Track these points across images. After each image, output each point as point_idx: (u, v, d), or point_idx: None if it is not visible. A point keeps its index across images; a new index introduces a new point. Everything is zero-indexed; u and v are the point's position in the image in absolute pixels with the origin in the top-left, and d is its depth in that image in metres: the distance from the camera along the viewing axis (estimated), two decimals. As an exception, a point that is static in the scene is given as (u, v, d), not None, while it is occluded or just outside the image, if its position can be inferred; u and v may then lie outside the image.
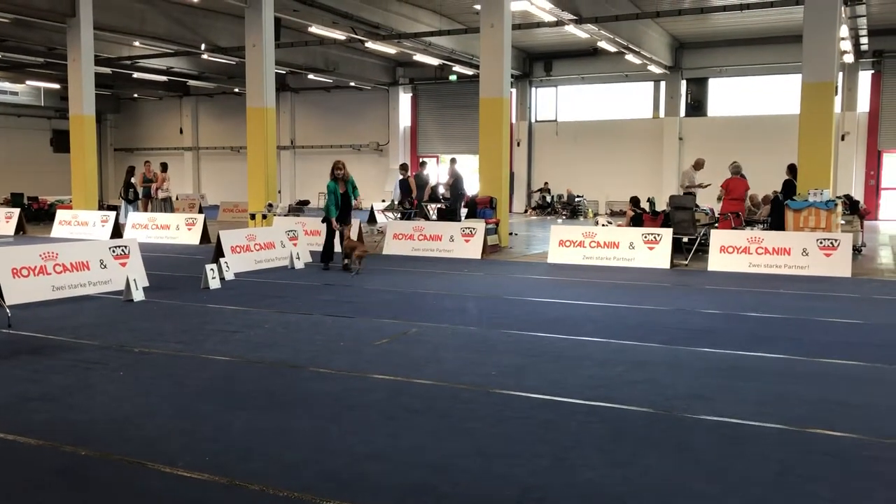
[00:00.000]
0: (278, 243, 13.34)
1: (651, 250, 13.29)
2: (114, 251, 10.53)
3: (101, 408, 5.26)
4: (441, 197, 18.43)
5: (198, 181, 38.52)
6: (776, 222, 14.39)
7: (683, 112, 28.85)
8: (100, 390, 5.67)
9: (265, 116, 18.29)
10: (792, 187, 14.69)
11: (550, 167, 30.92)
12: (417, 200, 17.83)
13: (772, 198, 15.57)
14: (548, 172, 30.91)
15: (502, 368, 6.31)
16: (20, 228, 19.97)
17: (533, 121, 31.45)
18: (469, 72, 27.70)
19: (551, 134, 31.05)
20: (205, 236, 17.35)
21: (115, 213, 19.04)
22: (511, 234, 18.21)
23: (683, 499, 3.82)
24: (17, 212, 20.35)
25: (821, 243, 12.38)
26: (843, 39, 19.64)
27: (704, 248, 13.87)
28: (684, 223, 14.12)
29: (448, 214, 17.24)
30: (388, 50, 25.45)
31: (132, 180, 20.52)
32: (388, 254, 15.10)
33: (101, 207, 20.73)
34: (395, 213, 18.19)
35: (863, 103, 26.21)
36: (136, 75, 29.81)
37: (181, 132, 38.76)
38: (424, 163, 20.08)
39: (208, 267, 10.82)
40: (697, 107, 28.86)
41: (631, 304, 9.47)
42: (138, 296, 9.59)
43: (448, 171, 18.61)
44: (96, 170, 20.21)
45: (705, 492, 3.88)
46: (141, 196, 20.50)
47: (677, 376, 6.07)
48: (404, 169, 19.08)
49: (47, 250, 9.68)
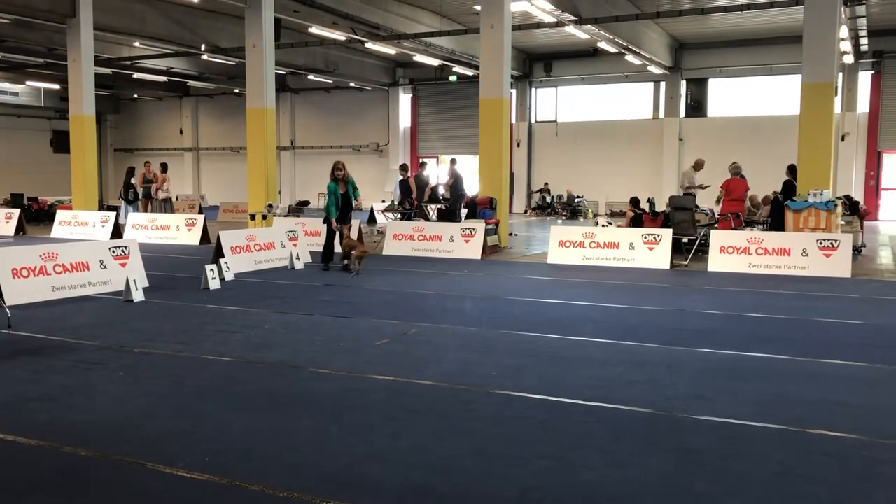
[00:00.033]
0: (278, 244, 13.34)
1: (651, 251, 13.29)
2: (114, 252, 10.53)
3: (101, 408, 5.26)
4: (441, 197, 18.42)
5: (198, 182, 38.52)
6: (776, 223, 14.39)
7: (683, 112, 28.86)
8: (100, 391, 5.67)
9: (265, 117, 18.29)
10: (792, 188, 14.70)
11: (550, 168, 30.93)
12: (417, 201, 17.82)
13: (772, 198, 15.58)
14: (548, 173, 30.92)
15: (502, 369, 6.31)
16: (20, 229, 19.97)
17: (533, 121, 31.46)
18: (469, 72, 27.69)
19: (551, 134, 31.05)
20: (205, 237, 17.35)
21: (115, 213, 19.04)
22: (511, 234, 18.22)
23: (683, 499, 3.82)
24: (17, 212, 20.35)
25: (821, 244, 12.38)
26: (843, 40, 19.65)
27: (704, 249, 13.87)
28: (684, 224, 14.11)
29: (448, 215, 17.24)
30: (388, 50, 25.46)
31: (132, 181, 20.54)
32: (387, 254, 15.11)
33: (101, 208, 20.73)
34: (395, 214, 18.18)
35: (863, 104, 26.22)
36: (136, 76, 29.83)
37: (181, 133, 38.76)
38: (424, 163, 20.08)
39: (208, 267, 10.82)
40: (697, 107, 28.86)
41: (631, 305, 9.47)
42: (138, 296, 9.59)
43: (448, 172, 18.60)
44: (96, 170, 20.21)
45: (705, 492, 3.88)
46: (141, 196, 20.52)
47: (677, 377, 6.07)
48: (404, 169, 19.07)
49: (47, 251, 9.68)
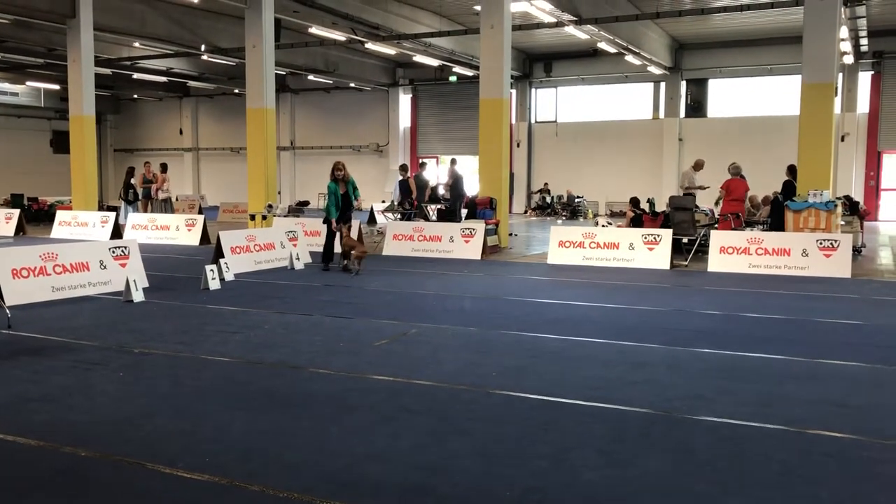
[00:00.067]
0: (278, 244, 13.34)
1: (651, 251, 13.29)
2: (113, 252, 10.53)
3: (101, 408, 5.26)
4: (441, 198, 18.43)
5: (198, 182, 38.53)
6: (776, 223, 14.39)
7: (683, 113, 28.87)
8: (100, 391, 5.67)
9: (265, 117, 18.29)
10: (792, 188, 14.70)
11: (550, 168, 30.94)
12: (417, 201, 17.83)
13: (772, 199, 15.58)
14: (547, 173, 30.92)
15: (502, 369, 6.31)
16: (20, 229, 19.97)
17: (533, 122, 31.46)
18: (469, 73, 27.70)
19: (551, 135, 31.06)
20: (204, 237, 17.35)
21: (114, 213, 19.05)
22: (511, 234, 18.22)
23: (683, 499, 3.82)
24: (17, 213, 20.35)
25: (821, 244, 12.39)
26: (843, 40, 19.65)
27: (704, 249, 13.86)
28: (684, 224, 14.11)
29: (448, 215, 17.24)
30: (388, 51, 25.46)
31: (132, 181, 20.54)
32: (387, 254, 15.11)
33: (101, 208, 20.72)
34: (395, 214, 18.18)
35: (862, 104, 26.22)
36: (135, 76, 29.84)
37: (181, 133, 38.77)
38: (424, 164, 20.08)
39: (208, 268, 10.82)
40: (697, 108, 28.87)
41: (631, 305, 9.47)
42: (138, 296, 9.59)
43: (448, 172, 18.60)
44: (96, 171, 20.22)
45: (705, 492, 3.88)
46: (141, 197, 20.53)
47: (677, 377, 6.07)
48: (404, 170, 19.07)
49: (47, 251, 9.68)
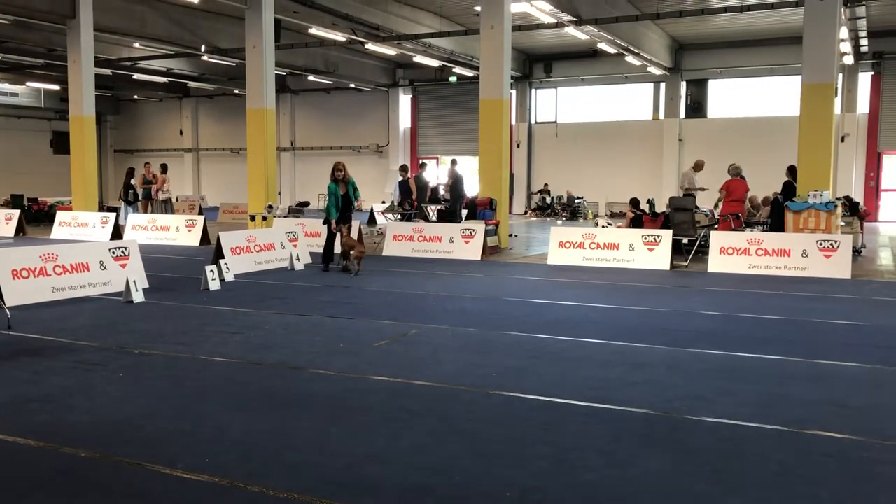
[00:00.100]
0: (278, 245, 13.35)
1: (651, 252, 13.29)
2: (114, 252, 10.53)
3: (101, 409, 5.26)
4: (441, 198, 18.44)
5: (198, 183, 38.54)
6: (776, 224, 14.39)
7: (683, 113, 28.88)
8: (100, 392, 5.67)
9: (265, 118, 18.29)
10: (792, 189, 14.70)
11: (550, 168, 30.94)
12: (417, 202, 17.83)
13: (772, 199, 15.58)
14: (548, 174, 30.93)
15: (502, 370, 6.31)
16: (20, 230, 19.98)
17: (533, 122, 31.47)
18: (469, 73, 27.71)
19: (551, 135, 31.07)
20: (205, 238, 17.35)
21: (114, 214, 19.06)
22: (511, 235, 18.23)
23: (683, 499, 3.82)
24: (17, 213, 20.36)
25: (821, 245, 12.39)
26: (843, 41, 19.66)
27: (704, 250, 13.87)
28: (684, 224, 14.11)
29: (448, 216, 17.25)
30: (388, 51, 25.47)
31: (132, 182, 20.55)
32: (387, 255, 15.11)
33: (101, 209, 20.73)
34: (395, 215, 18.18)
35: (863, 105, 26.24)
36: (136, 77, 29.84)
37: (181, 133, 38.78)
38: (424, 164, 20.09)
39: (208, 268, 10.82)
40: (697, 108, 28.88)
41: (631, 306, 9.47)
42: (138, 297, 9.59)
43: (448, 173, 18.60)
44: (96, 171, 20.21)
45: (705, 492, 3.88)
46: (141, 197, 20.54)
47: (677, 378, 6.07)
48: (404, 170, 19.07)
49: (47, 252, 9.68)
